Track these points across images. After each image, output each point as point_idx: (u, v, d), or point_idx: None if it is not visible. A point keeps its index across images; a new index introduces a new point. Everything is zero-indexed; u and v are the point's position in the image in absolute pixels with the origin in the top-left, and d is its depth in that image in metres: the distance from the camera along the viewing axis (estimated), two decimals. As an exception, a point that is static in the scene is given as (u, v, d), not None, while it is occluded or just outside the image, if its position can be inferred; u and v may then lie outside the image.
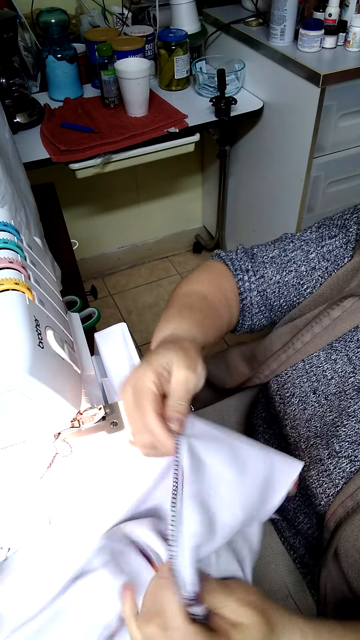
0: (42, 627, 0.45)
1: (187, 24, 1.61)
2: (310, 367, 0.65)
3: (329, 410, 0.62)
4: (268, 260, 0.72)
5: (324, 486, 0.59)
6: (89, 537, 0.49)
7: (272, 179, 1.71)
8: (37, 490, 0.55)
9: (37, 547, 0.50)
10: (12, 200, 0.62)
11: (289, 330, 0.69)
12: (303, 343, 0.65)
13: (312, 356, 0.65)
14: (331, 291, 0.68)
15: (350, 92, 1.39)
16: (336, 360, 0.63)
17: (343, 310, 0.63)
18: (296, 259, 0.71)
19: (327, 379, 0.63)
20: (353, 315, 0.62)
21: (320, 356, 0.64)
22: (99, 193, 2.03)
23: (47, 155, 1.36)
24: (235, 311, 0.72)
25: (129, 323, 2.07)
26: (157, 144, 1.46)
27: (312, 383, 0.64)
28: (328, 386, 0.63)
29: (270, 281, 0.72)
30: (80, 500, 0.53)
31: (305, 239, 0.72)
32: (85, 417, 0.59)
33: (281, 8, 1.39)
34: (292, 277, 0.71)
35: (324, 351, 0.64)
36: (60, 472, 0.56)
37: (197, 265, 2.36)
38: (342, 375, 0.62)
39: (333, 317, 0.63)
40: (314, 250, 0.70)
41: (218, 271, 0.74)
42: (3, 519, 0.53)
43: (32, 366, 0.43)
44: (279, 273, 0.71)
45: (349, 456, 0.58)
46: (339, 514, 0.56)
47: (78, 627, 0.45)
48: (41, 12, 1.48)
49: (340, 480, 0.57)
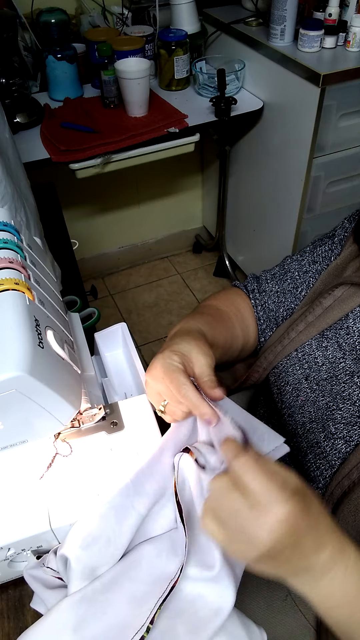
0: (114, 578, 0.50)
1: (187, 24, 1.61)
2: (303, 355, 0.67)
3: (321, 395, 0.64)
4: (270, 277, 0.79)
5: (320, 468, 0.60)
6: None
7: (272, 179, 1.71)
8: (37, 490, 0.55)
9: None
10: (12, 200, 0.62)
11: (286, 324, 0.73)
12: (297, 332, 0.69)
13: (304, 345, 0.68)
14: (324, 285, 0.72)
15: (350, 92, 1.39)
16: (327, 347, 0.66)
17: (334, 299, 0.66)
18: (291, 268, 0.77)
19: (319, 366, 0.66)
20: (343, 303, 0.66)
21: (312, 344, 0.67)
22: (99, 193, 2.03)
23: (47, 155, 1.36)
24: (253, 327, 0.77)
25: (129, 323, 2.07)
26: (157, 144, 1.46)
27: (305, 370, 0.67)
28: (319, 372, 0.65)
29: (270, 293, 0.77)
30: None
31: (301, 252, 0.78)
32: (85, 417, 0.59)
33: (281, 8, 1.39)
34: (287, 285, 0.76)
35: (315, 339, 0.67)
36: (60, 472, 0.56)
37: (197, 265, 2.37)
38: (333, 361, 0.65)
39: (325, 306, 0.67)
40: (306, 258, 0.76)
41: (234, 292, 0.81)
42: (3, 519, 0.53)
43: (32, 366, 0.43)
44: (277, 284, 0.77)
45: (344, 437, 0.60)
46: (337, 494, 0.57)
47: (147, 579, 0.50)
48: (41, 12, 1.48)
49: (337, 461, 0.59)
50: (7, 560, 0.55)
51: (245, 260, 2.13)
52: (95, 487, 0.55)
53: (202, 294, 2.22)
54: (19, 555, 0.55)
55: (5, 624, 0.57)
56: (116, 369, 0.72)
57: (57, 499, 0.54)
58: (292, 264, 0.77)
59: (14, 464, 0.56)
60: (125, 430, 0.59)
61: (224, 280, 2.27)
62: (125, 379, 0.71)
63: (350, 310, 0.65)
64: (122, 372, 0.72)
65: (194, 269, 2.35)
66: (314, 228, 1.70)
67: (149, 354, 1.98)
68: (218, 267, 2.28)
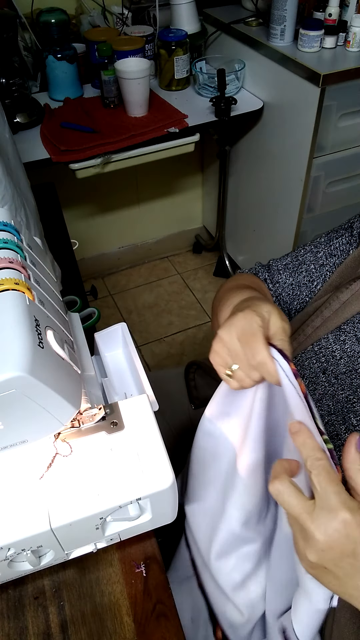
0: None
1: (187, 24, 1.61)
2: (320, 349, 0.67)
3: (340, 389, 0.64)
4: (282, 267, 0.77)
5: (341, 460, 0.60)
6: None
7: (272, 179, 1.71)
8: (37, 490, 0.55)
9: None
10: (12, 200, 0.62)
11: (299, 317, 0.72)
12: (313, 328, 0.68)
13: (321, 339, 0.67)
14: (341, 278, 0.71)
15: (350, 92, 1.39)
16: (345, 341, 0.65)
17: (352, 293, 0.65)
18: (306, 260, 0.75)
19: (337, 359, 0.65)
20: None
21: (329, 338, 0.66)
22: (99, 193, 2.03)
23: (47, 155, 1.36)
24: None
25: (129, 323, 2.07)
26: (157, 144, 1.46)
27: (322, 364, 0.66)
28: (337, 366, 0.65)
29: (284, 285, 0.76)
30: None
31: (315, 243, 0.76)
32: (85, 417, 0.59)
33: (281, 8, 1.39)
34: (302, 277, 0.75)
35: (332, 334, 0.66)
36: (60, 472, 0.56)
37: (197, 265, 2.37)
38: (351, 355, 0.64)
39: (342, 300, 0.66)
40: (322, 250, 0.75)
41: (247, 275, 0.78)
42: (3, 519, 0.53)
43: (32, 366, 0.43)
44: (291, 276, 0.76)
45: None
46: None
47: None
48: (41, 12, 1.48)
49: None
50: (7, 560, 0.55)
51: (245, 260, 2.13)
52: (95, 487, 0.55)
53: (202, 294, 2.22)
54: (19, 555, 0.55)
55: (5, 624, 0.57)
56: (116, 369, 0.72)
57: (57, 499, 0.54)
58: (306, 255, 0.75)
59: (14, 464, 0.56)
60: (125, 430, 0.59)
61: (224, 280, 2.26)
62: (125, 379, 0.71)
63: None
64: (122, 372, 0.72)
65: (194, 269, 2.35)
66: (314, 228, 1.70)
67: (149, 354, 1.98)
68: (218, 267, 2.28)
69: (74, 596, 0.59)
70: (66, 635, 0.56)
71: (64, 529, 0.53)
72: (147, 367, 1.94)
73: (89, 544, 0.60)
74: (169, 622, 0.57)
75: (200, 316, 2.13)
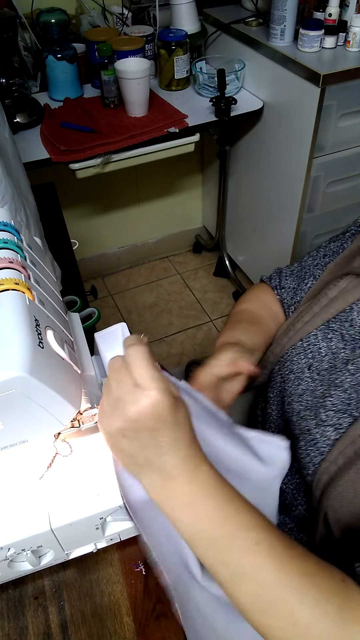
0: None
1: (187, 24, 1.61)
2: (308, 345, 0.68)
3: (320, 384, 0.65)
4: (289, 273, 0.83)
5: (310, 455, 0.61)
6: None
7: (272, 179, 1.71)
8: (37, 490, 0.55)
9: None
10: (12, 200, 0.62)
11: (294, 316, 0.74)
12: (303, 323, 0.70)
13: (309, 335, 0.69)
14: (331, 275, 0.73)
15: (350, 92, 1.39)
16: (331, 338, 0.67)
17: (339, 290, 0.68)
18: (307, 264, 0.79)
19: (322, 356, 0.66)
20: (348, 294, 0.67)
21: (317, 335, 0.68)
22: (99, 193, 2.03)
23: (47, 155, 1.36)
24: (283, 318, 0.82)
25: (129, 323, 2.07)
26: (157, 144, 1.46)
27: (308, 360, 0.67)
28: (321, 362, 0.66)
29: (289, 289, 0.80)
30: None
31: (317, 248, 0.81)
32: (85, 417, 0.59)
33: (281, 8, 1.39)
34: (301, 281, 0.79)
35: (320, 330, 0.68)
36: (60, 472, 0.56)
37: (197, 265, 2.37)
38: (335, 351, 0.66)
39: (330, 297, 0.68)
40: (320, 253, 0.79)
41: (261, 289, 0.86)
42: (3, 519, 0.53)
43: (32, 366, 0.43)
44: (295, 281, 0.81)
45: (334, 424, 0.60)
46: (324, 480, 0.58)
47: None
48: (41, 12, 1.48)
49: (326, 448, 0.59)
50: (7, 560, 0.55)
51: (245, 260, 2.13)
52: (95, 487, 0.55)
53: (202, 294, 2.22)
54: (19, 555, 0.55)
55: (5, 624, 0.57)
56: (116, 369, 0.72)
57: (57, 499, 0.54)
58: (307, 260, 0.80)
59: (14, 464, 0.56)
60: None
61: (224, 280, 2.27)
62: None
63: (354, 301, 0.66)
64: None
65: (194, 269, 2.35)
66: (314, 228, 1.70)
67: (149, 354, 1.98)
68: (218, 267, 2.28)
69: (74, 596, 0.59)
70: (66, 635, 0.56)
71: (64, 529, 0.53)
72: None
73: (89, 544, 0.60)
74: (169, 622, 0.57)
75: (200, 316, 2.13)
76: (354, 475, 0.55)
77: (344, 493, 0.55)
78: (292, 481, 0.69)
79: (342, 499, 0.55)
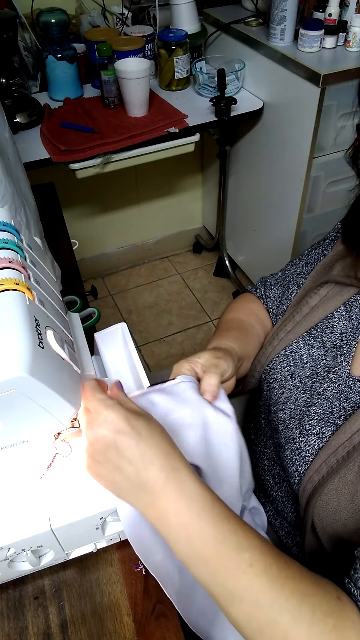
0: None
1: (187, 24, 1.61)
2: (290, 353, 0.69)
3: (302, 392, 0.65)
4: (273, 282, 0.83)
5: (296, 464, 0.61)
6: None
7: (272, 179, 1.71)
8: (37, 490, 0.55)
9: None
10: (12, 200, 0.62)
11: (278, 325, 0.74)
12: (285, 332, 0.70)
13: (292, 343, 0.69)
14: (312, 283, 0.73)
15: (351, 92, 1.38)
16: (313, 345, 0.67)
17: (320, 298, 0.69)
18: (290, 273, 0.80)
19: (303, 363, 0.67)
20: (328, 302, 0.67)
21: (299, 342, 0.69)
22: (99, 193, 2.03)
23: (47, 155, 1.36)
24: (270, 326, 0.82)
25: (129, 323, 2.07)
26: (157, 144, 1.46)
27: (291, 367, 0.68)
28: (303, 370, 0.67)
29: (273, 298, 0.81)
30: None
31: (299, 256, 0.81)
32: (85, 417, 0.59)
33: (281, 8, 1.39)
34: (285, 289, 0.79)
35: (303, 338, 0.69)
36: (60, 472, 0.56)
37: (197, 265, 2.37)
38: (316, 358, 0.66)
39: (311, 305, 0.69)
40: (302, 260, 0.79)
41: (247, 298, 0.86)
42: (3, 519, 0.53)
43: (32, 366, 0.43)
44: (279, 290, 0.81)
45: (317, 433, 0.60)
46: (309, 489, 0.58)
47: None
48: (41, 12, 1.48)
49: (310, 457, 0.60)
50: (7, 560, 0.55)
51: (245, 260, 2.13)
52: (95, 487, 0.55)
53: (202, 294, 2.22)
54: (19, 555, 0.55)
55: (5, 624, 0.57)
56: (116, 369, 0.72)
57: (57, 499, 0.54)
58: (290, 269, 0.80)
59: (14, 464, 0.56)
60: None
61: (224, 280, 2.27)
62: (125, 379, 0.71)
63: (334, 309, 0.66)
64: (122, 372, 0.72)
65: (194, 269, 2.35)
66: (314, 228, 1.70)
67: (149, 354, 1.98)
68: (218, 267, 2.28)
69: (74, 596, 0.59)
70: (66, 635, 0.56)
71: (64, 529, 0.53)
72: (147, 367, 1.94)
73: (89, 544, 0.60)
74: (169, 622, 0.57)
75: (200, 316, 2.13)
76: (337, 484, 0.55)
77: (329, 502, 0.55)
78: (281, 489, 0.69)
79: (327, 507, 0.56)
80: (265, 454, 0.73)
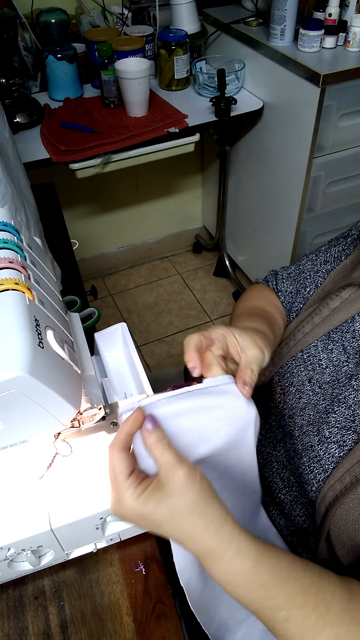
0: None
1: (187, 24, 1.61)
2: (308, 357, 0.67)
3: (322, 399, 0.64)
4: (286, 276, 0.80)
5: (314, 472, 0.60)
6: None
7: (272, 179, 1.71)
8: (37, 490, 0.55)
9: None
10: (12, 200, 0.62)
11: (293, 324, 0.72)
12: (303, 334, 0.68)
13: (310, 346, 0.67)
14: (332, 285, 0.71)
15: (350, 92, 1.39)
16: (332, 349, 0.65)
17: (341, 301, 0.66)
18: (305, 269, 0.77)
19: (322, 368, 0.65)
20: (350, 305, 0.65)
21: (317, 346, 0.67)
22: (99, 193, 2.03)
23: (47, 155, 1.36)
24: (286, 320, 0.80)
25: (129, 323, 2.07)
26: (157, 144, 1.46)
27: (309, 372, 0.66)
28: (322, 375, 0.65)
29: (285, 293, 0.78)
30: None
31: (316, 251, 0.78)
32: (85, 417, 0.59)
33: (281, 8, 1.39)
34: (299, 285, 0.77)
35: (321, 341, 0.67)
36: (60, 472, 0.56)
37: (197, 265, 2.37)
38: (337, 364, 0.64)
39: (332, 308, 0.67)
40: (320, 257, 0.77)
41: (262, 288, 0.82)
42: (3, 519, 0.53)
43: (32, 366, 0.43)
44: (292, 285, 0.78)
45: (338, 441, 0.59)
46: (329, 497, 0.57)
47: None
48: (41, 12, 1.48)
49: (330, 465, 0.59)
50: (7, 560, 0.55)
51: (245, 260, 2.13)
52: (95, 487, 0.55)
53: (202, 294, 2.22)
54: (19, 555, 0.55)
55: (5, 624, 0.57)
56: (116, 369, 0.72)
57: (57, 499, 0.54)
58: (306, 264, 0.78)
59: (14, 464, 0.56)
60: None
61: (224, 280, 2.27)
62: (125, 379, 0.71)
63: (356, 312, 0.64)
64: (122, 372, 0.72)
65: (194, 269, 2.35)
66: (314, 228, 1.70)
67: (149, 354, 1.98)
68: (218, 267, 2.28)
69: (74, 596, 0.59)
70: (66, 635, 0.56)
71: (64, 529, 0.53)
72: (147, 367, 1.94)
73: (89, 544, 0.60)
74: (169, 622, 0.57)
75: (200, 316, 2.13)
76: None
77: (350, 511, 0.55)
78: (290, 493, 0.68)
79: (348, 517, 0.55)
80: (275, 456, 0.72)
